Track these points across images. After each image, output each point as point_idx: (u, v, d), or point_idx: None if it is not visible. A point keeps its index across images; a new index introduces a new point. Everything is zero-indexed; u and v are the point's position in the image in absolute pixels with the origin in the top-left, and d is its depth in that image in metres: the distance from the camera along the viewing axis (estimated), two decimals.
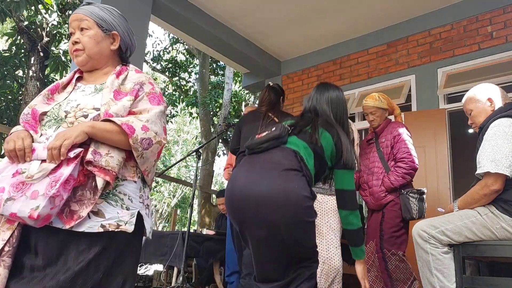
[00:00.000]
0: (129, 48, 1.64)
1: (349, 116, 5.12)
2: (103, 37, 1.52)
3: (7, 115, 8.91)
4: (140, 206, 1.42)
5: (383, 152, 2.97)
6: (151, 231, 1.51)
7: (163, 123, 1.46)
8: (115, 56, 1.59)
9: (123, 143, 1.35)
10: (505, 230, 2.09)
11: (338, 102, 1.99)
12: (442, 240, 2.18)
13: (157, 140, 1.41)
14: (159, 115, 1.45)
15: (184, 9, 5.08)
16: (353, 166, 1.84)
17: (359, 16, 5.12)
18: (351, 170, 1.84)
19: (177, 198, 18.02)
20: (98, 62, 1.53)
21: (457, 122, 4.63)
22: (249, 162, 1.75)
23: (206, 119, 10.16)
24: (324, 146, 1.80)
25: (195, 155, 3.46)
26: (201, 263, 4.65)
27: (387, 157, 2.95)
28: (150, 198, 1.53)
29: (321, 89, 2.04)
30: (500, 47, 4.30)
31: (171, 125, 18.75)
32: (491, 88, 2.39)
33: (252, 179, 1.64)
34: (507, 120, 2.14)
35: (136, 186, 1.42)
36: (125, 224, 1.33)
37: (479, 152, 2.18)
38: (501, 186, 2.07)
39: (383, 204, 2.86)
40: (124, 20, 1.63)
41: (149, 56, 11.89)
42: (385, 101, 3.09)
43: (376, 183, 2.91)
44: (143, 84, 1.49)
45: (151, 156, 1.42)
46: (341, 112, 1.98)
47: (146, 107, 1.45)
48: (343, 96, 2.05)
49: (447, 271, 2.16)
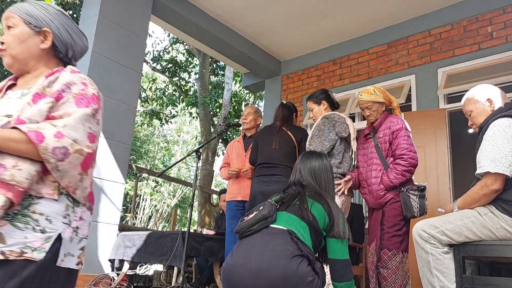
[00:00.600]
0: (71, 48, 1.41)
1: (349, 116, 5.15)
2: (30, 35, 1.32)
3: None
4: (63, 228, 1.20)
5: (381, 148, 2.84)
6: (80, 261, 1.31)
7: (88, 128, 1.24)
8: (49, 56, 1.37)
9: (33, 153, 1.15)
10: (505, 230, 2.09)
11: (321, 172, 2.03)
12: (442, 240, 2.18)
13: (76, 149, 1.19)
14: (83, 118, 1.23)
15: (184, 9, 5.09)
16: (346, 235, 1.81)
17: (359, 16, 5.12)
18: (344, 239, 1.81)
19: (177, 198, 18.02)
20: (25, 63, 1.34)
21: (457, 122, 4.63)
22: (245, 251, 1.70)
23: (206, 119, 10.16)
24: (316, 217, 1.78)
25: (195, 155, 3.46)
26: (201, 263, 4.65)
27: (385, 153, 2.83)
28: (87, 220, 1.32)
29: (304, 160, 2.08)
30: (500, 47, 4.30)
31: (171, 125, 18.75)
32: (490, 89, 2.39)
33: (250, 270, 1.60)
34: (507, 120, 2.14)
35: (59, 204, 1.20)
36: (32, 251, 1.12)
37: (479, 152, 2.18)
38: (500, 186, 2.07)
39: (383, 203, 2.76)
40: (64, 16, 1.41)
41: (149, 56, 11.89)
42: (381, 94, 2.94)
43: (375, 181, 2.79)
44: (72, 85, 1.28)
45: (71, 168, 1.19)
46: (326, 181, 2.02)
47: (69, 110, 1.23)
48: (327, 163, 2.07)
49: (447, 271, 2.16)
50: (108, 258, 4.04)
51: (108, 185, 4.16)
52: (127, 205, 15.21)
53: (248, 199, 3.46)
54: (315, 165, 2.03)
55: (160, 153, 19.20)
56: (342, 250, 1.80)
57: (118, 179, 4.27)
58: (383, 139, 2.85)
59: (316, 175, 2.01)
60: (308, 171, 2.02)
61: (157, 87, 12.95)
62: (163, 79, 14.16)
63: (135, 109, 4.56)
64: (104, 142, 4.16)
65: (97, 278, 3.81)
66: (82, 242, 1.30)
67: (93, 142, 1.25)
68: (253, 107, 3.90)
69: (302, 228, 1.72)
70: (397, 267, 2.61)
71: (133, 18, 4.57)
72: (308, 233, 1.74)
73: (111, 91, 4.27)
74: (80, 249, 1.30)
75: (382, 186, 2.75)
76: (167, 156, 19.23)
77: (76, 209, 1.26)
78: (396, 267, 2.61)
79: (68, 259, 1.24)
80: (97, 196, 4.06)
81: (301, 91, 6.00)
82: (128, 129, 4.45)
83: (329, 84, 5.62)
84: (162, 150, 19.50)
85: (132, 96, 4.51)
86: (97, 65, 4.18)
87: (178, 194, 18.14)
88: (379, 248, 2.69)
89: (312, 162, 2.05)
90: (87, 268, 3.85)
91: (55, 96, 1.24)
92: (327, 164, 2.07)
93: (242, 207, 3.58)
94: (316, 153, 2.13)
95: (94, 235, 3.98)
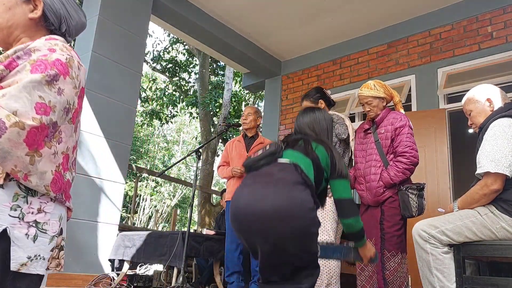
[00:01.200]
0: (65, 21, 1.25)
1: (349, 116, 5.15)
2: (18, 2, 1.18)
3: None
4: (11, 221, 1.00)
5: (382, 145, 2.74)
6: (59, 263, 1.14)
7: (37, 98, 1.02)
8: (38, 28, 1.22)
9: None
10: (505, 230, 2.09)
11: (315, 123, 2.10)
12: (442, 240, 2.18)
13: (14, 121, 0.95)
14: (30, 86, 1.01)
15: (184, 9, 5.09)
16: (347, 175, 1.93)
17: (359, 16, 5.12)
18: (346, 178, 1.92)
19: (177, 198, 18.02)
20: (10, 33, 1.18)
21: (457, 122, 4.63)
22: (251, 179, 1.79)
23: (206, 119, 10.16)
24: (319, 157, 1.88)
25: (195, 155, 3.45)
26: (201, 263, 4.65)
27: (386, 150, 2.73)
28: (54, 214, 1.12)
29: (299, 117, 2.17)
30: (500, 47, 4.30)
31: (171, 125, 18.76)
32: (490, 89, 2.39)
33: (255, 196, 1.67)
34: (507, 120, 2.14)
35: (3, 193, 1.00)
36: None
37: (479, 152, 2.18)
38: (500, 186, 2.07)
39: (381, 200, 2.67)
40: None
41: (149, 56, 11.89)
42: (381, 89, 2.83)
43: (374, 177, 2.70)
44: (34, 51, 1.10)
45: (13, 147, 0.96)
46: (321, 130, 2.09)
47: (19, 78, 1.03)
48: (319, 115, 2.13)
49: (447, 271, 2.16)
50: (108, 258, 4.05)
51: (108, 185, 4.16)
52: (127, 205, 15.21)
53: None
54: (306, 119, 2.12)
55: (160, 153, 19.20)
56: (346, 190, 1.90)
57: (118, 179, 4.27)
58: (385, 135, 2.76)
59: (310, 126, 2.10)
60: (305, 124, 2.11)
61: (157, 87, 12.96)
62: (163, 79, 14.16)
63: (135, 109, 4.56)
64: (104, 142, 4.17)
65: (97, 278, 3.82)
66: (53, 241, 1.11)
67: (44, 114, 1.02)
68: (253, 107, 3.90)
69: (306, 164, 1.82)
70: (395, 269, 2.57)
71: (133, 18, 4.57)
72: (312, 169, 1.83)
73: (111, 91, 4.27)
74: (52, 249, 1.11)
75: (382, 183, 2.67)
76: (167, 156, 19.24)
77: (32, 200, 1.04)
78: (395, 268, 2.57)
79: (35, 263, 1.03)
80: (97, 196, 4.06)
81: (301, 91, 6.00)
82: (128, 129, 4.45)
83: (329, 84, 5.62)
84: (162, 150, 19.51)
85: (132, 96, 4.51)
86: (97, 65, 4.18)
87: (178, 194, 18.14)
88: (380, 248, 2.63)
89: (304, 117, 2.13)
90: (87, 268, 3.85)
91: (5, 64, 1.06)
92: (320, 115, 2.13)
93: None
94: (308, 109, 2.20)
95: (94, 235, 3.98)
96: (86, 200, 3.95)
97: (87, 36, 4.27)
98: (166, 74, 12.24)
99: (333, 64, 5.74)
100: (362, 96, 2.86)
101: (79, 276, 3.77)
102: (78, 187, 3.90)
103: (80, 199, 3.90)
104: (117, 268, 3.97)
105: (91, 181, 4.02)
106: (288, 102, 6.16)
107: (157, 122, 13.72)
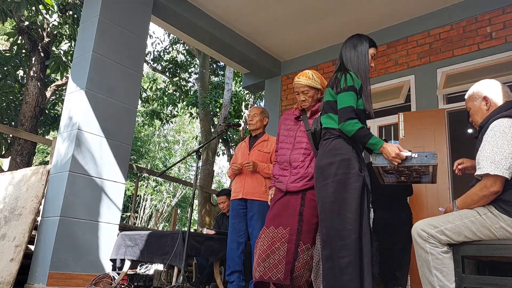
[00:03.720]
0: None
1: None
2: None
3: (7, 115, 8.91)
4: None
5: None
6: None
7: None
8: None
9: None
10: (505, 230, 2.09)
11: (352, 59, 2.52)
12: (441, 240, 2.18)
13: None
14: None
15: (184, 9, 5.10)
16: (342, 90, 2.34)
17: (359, 17, 5.13)
18: (341, 93, 2.35)
19: (177, 198, 18.03)
20: None
21: (457, 122, 4.65)
22: None
23: (206, 119, 10.17)
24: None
25: (195, 155, 3.47)
26: (202, 263, 4.66)
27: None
28: None
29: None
30: (499, 48, 4.31)
31: (171, 125, 18.76)
32: (489, 86, 2.35)
33: None
34: (507, 120, 2.12)
35: None
36: None
37: (478, 152, 2.18)
38: (500, 188, 2.07)
39: (304, 188, 2.58)
40: None
41: (149, 56, 11.90)
42: (319, 80, 2.82)
43: (302, 164, 2.64)
44: None
45: None
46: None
47: None
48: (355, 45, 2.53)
49: (446, 270, 2.17)
50: (110, 258, 4.05)
51: (108, 185, 4.17)
52: (128, 205, 15.22)
53: (249, 197, 3.49)
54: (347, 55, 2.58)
55: (160, 153, 19.20)
56: (341, 102, 2.31)
57: (119, 179, 4.28)
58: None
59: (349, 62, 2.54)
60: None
61: (157, 87, 12.97)
62: (163, 79, 14.17)
63: (136, 109, 4.57)
64: (104, 142, 4.18)
65: (98, 277, 3.83)
66: None
67: None
68: (259, 107, 3.84)
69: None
70: (307, 261, 2.51)
71: (133, 19, 4.58)
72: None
73: (111, 91, 4.28)
74: None
75: (309, 172, 2.59)
76: (167, 156, 19.24)
77: None
78: (307, 261, 2.50)
79: None
80: (97, 196, 4.07)
81: None
82: (129, 129, 4.46)
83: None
84: (163, 150, 19.51)
85: (133, 96, 4.52)
86: (98, 65, 4.19)
87: (178, 194, 18.15)
88: (295, 239, 2.51)
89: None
90: (87, 268, 3.87)
91: None
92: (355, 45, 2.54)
93: (244, 206, 3.58)
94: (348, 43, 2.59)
95: (95, 235, 3.99)
96: (87, 200, 3.96)
97: (88, 36, 4.28)
98: (166, 75, 12.25)
99: (333, 64, 5.74)
100: (299, 84, 2.78)
101: (79, 276, 3.78)
102: (78, 187, 3.91)
103: (81, 199, 3.91)
104: (119, 267, 3.98)
105: (91, 181, 4.03)
106: (288, 102, 6.17)
107: (157, 122, 13.73)
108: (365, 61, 2.47)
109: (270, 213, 2.69)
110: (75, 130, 3.99)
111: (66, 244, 3.76)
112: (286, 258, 2.48)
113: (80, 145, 3.98)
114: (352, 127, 2.24)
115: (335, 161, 2.26)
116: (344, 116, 2.27)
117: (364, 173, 2.31)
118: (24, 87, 8.24)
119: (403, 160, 2.20)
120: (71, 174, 3.87)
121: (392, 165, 2.22)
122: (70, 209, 3.82)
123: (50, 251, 3.66)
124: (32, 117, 7.37)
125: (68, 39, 8.36)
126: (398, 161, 2.21)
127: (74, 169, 3.90)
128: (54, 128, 9.27)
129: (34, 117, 7.39)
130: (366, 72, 2.45)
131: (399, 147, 2.21)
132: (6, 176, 4.32)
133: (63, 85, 8.50)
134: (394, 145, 2.21)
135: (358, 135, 2.24)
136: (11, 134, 7.82)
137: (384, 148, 2.22)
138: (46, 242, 3.76)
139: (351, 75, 2.36)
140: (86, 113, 4.06)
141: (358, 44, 2.51)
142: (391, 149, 2.20)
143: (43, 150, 16.05)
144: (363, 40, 2.52)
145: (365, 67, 2.45)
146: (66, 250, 3.75)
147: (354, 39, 2.54)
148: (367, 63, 2.47)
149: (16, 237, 3.68)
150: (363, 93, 2.39)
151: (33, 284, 3.70)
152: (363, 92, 2.39)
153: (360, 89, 2.37)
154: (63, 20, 7.75)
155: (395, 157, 2.19)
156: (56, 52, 8.11)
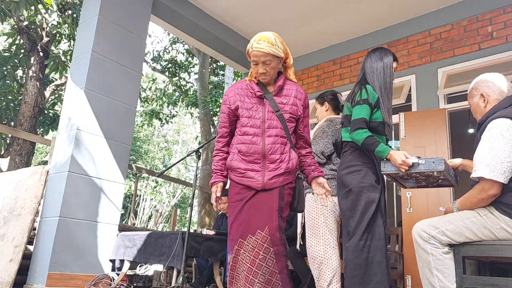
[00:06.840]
0: None
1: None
2: None
3: (6, 115, 8.90)
4: None
5: (284, 118, 2.20)
6: None
7: None
8: None
9: None
10: (505, 231, 2.08)
11: (374, 71, 2.59)
12: (442, 240, 2.17)
13: None
14: None
15: (184, 9, 5.09)
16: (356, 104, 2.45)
17: (359, 16, 5.12)
18: (355, 106, 2.45)
19: (177, 198, 18.02)
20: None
21: (457, 122, 4.63)
22: None
23: (206, 119, 10.15)
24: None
25: (195, 155, 3.45)
26: (201, 263, 4.64)
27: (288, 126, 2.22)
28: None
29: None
30: (500, 47, 4.30)
31: (171, 125, 18.73)
32: (485, 82, 2.31)
33: None
34: (506, 121, 2.08)
35: None
36: None
37: (475, 153, 2.17)
38: (498, 191, 2.06)
39: (280, 185, 2.17)
40: None
41: (149, 56, 11.88)
42: (282, 46, 2.30)
43: (282, 157, 2.16)
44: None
45: None
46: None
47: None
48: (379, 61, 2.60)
49: (447, 271, 2.16)
50: (109, 258, 4.04)
51: (108, 185, 4.15)
52: (127, 205, 15.20)
53: None
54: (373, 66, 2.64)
55: (160, 153, 19.19)
56: (354, 115, 2.43)
57: (118, 179, 4.27)
58: (291, 109, 2.22)
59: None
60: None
61: (157, 87, 12.95)
62: (163, 79, 14.16)
63: (135, 109, 4.56)
64: (104, 142, 4.16)
65: (97, 278, 3.81)
66: None
67: None
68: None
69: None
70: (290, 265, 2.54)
71: (133, 18, 4.57)
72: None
73: (111, 91, 4.27)
74: None
75: (291, 165, 2.18)
76: (167, 156, 19.23)
77: None
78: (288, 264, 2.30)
79: None
80: (97, 196, 4.06)
81: None
82: (128, 129, 4.44)
83: (329, 84, 5.62)
84: (162, 150, 19.50)
85: (132, 96, 4.50)
86: (97, 65, 4.18)
87: (178, 194, 18.14)
88: (280, 237, 2.09)
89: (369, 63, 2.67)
90: (87, 268, 3.85)
91: None
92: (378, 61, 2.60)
93: None
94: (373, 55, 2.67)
95: (94, 235, 3.98)
96: (86, 200, 3.95)
97: (87, 36, 4.27)
98: (166, 74, 12.24)
99: (333, 64, 5.73)
100: (260, 52, 2.18)
101: (78, 276, 3.77)
102: (78, 187, 3.90)
103: (80, 199, 3.90)
104: (118, 268, 3.97)
105: (91, 181, 4.02)
106: None
107: (157, 122, 13.72)
108: (390, 72, 2.54)
109: (240, 218, 2.14)
110: (74, 130, 3.98)
111: (66, 244, 3.74)
112: (277, 267, 2.05)
113: (79, 145, 3.96)
114: (360, 136, 2.33)
115: (351, 172, 2.42)
116: (353, 127, 2.37)
117: (380, 185, 2.41)
118: (23, 87, 8.23)
119: (410, 166, 2.24)
120: (70, 174, 3.86)
121: (400, 172, 2.26)
122: (70, 209, 3.81)
123: (49, 252, 3.65)
124: (31, 117, 7.36)
125: (67, 39, 8.35)
126: (405, 167, 2.24)
127: (73, 169, 3.88)
128: (53, 128, 9.26)
129: (33, 117, 7.38)
130: (391, 84, 2.54)
131: (405, 154, 2.25)
132: (5, 176, 4.31)
133: (62, 84, 8.49)
134: (401, 152, 2.26)
135: (366, 143, 2.33)
136: (10, 134, 7.81)
137: (391, 155, 2.27)
138: (45, 243, 3.75)
139: (366, 90, 2.45)
140: (85, 113, 4.05)
141: (384, 56, 2.59)
142: (397, 156, 2.25)
143: (42, 150, 16.04)
144: (388, 53, 2.61)
145: (390, 79, 2.53)
146: (66, 251, 3.74)
147: (380, 52, 2.62)
148: (392, 75, 2.56)
149: (15, 238, 3.67)
150: (383, 106, 2.46)
151: (32, 284, 3.69)
152: (382, 105, 2.46)
153: (376, 102, 2.45)
154: (62, 19, 7.74)
155: (402, 164, 2.24)
156: (55, 52, 8.10)
